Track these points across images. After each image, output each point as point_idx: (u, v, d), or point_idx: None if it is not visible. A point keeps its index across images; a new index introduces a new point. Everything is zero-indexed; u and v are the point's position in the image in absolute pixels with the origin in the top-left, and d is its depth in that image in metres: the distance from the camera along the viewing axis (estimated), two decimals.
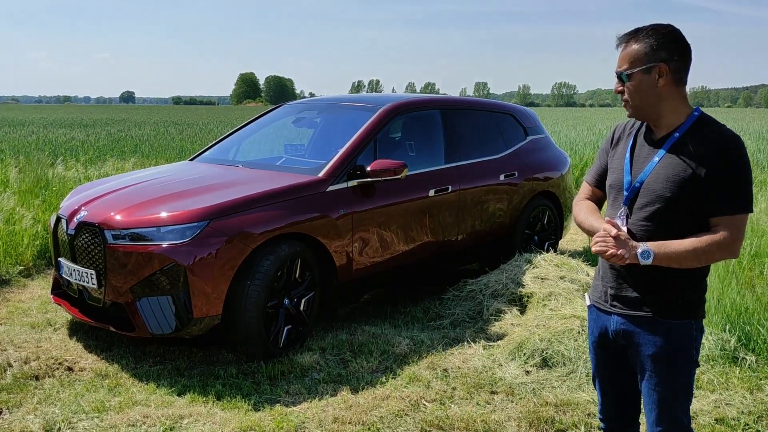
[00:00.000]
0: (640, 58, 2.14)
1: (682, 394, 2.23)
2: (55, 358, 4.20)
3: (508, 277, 5.31)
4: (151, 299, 4.01)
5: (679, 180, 2.11)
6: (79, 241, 4.28)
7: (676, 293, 2.18)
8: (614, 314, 2.29)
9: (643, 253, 2.08)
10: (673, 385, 2.21)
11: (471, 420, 3.45)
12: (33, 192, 8.28)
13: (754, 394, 3.73)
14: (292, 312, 4.36)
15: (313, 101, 6.53)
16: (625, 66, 2.17)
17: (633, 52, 2.15)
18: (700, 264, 2.11)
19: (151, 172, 5.41)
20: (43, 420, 3.39)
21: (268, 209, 4.27)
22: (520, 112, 6.64)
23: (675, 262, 2.09)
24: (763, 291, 4.66)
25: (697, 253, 2.07)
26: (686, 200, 2.11)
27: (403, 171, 4.77)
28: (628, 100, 2.20)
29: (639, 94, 2.17)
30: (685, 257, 2.07)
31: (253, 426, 3.37)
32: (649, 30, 2.15)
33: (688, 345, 2.20)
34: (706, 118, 2.18)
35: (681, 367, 2.20)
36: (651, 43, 2.13)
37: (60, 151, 15.08)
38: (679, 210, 2.13)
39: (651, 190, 2.17)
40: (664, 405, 2.22)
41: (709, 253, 2.08)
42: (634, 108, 2.21)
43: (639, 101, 2.18)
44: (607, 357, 2.40)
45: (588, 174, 2.53)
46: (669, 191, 2.12)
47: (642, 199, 2.19)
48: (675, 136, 2.16)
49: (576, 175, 11.86)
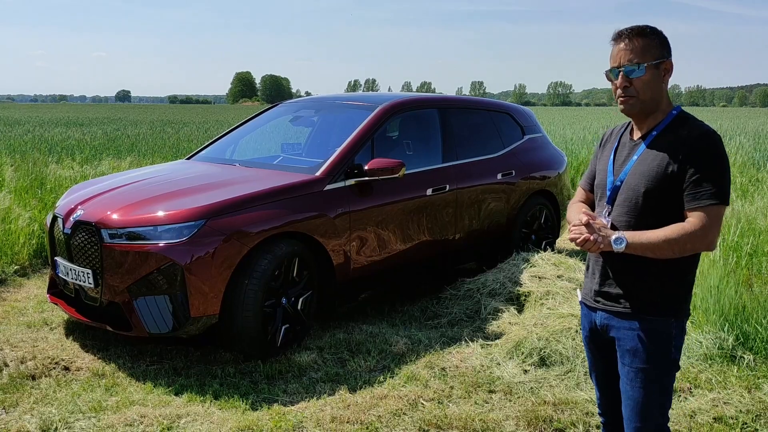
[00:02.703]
0: (652, 53, 2.17)
1: (658, 392, 2.24)
2: (52, 357, 4.18)
3: (506, 276, 5.31)
4: (148, 298, 4.00)
5: (654, 174, 2.16)
6: (76, 240, 4.26)
7: (657, 290, 2.20)
8: (599, 310, 2.34)
9: (617, 239, 2.13)
10: (649, 382, 2.23)
11: (469, 419, 3.45)
12: (29, 191, 8.26)
13: (752, 393, 3.73)
14: (290, 311, 4.35)
15: (310, 100, 6.52)
16: (637, 59, 2.17)
17: (645, 46, 2.17)
18: (674, 254, 2.12)
19: (148, 171, 5.40)
20: (39, 420, 3.37)
21: (265, 208, 4.26)
22: (518, 111, 6.64)
23: (649, 250, 2.12)
24: (761, 290, 4.66)
25: (670, 242, 2.09)
26: (662, 194, 2.15)
27: (401, 170, 4.77)
28: (636, 94, 2.20)
29: (650, 88, 2.19)
30: (658, 246, 2.10)
31: (251, 425, 3.35)
32: (649, 28, 2.20)
33: (666, 343, 2.21)
34: (683, 115, 2.23)
35: (658, 364, 2.22)
36: (659, 40, 2.19)
37: (56, 150, 15.04)
38: (655, 204, 2.17)
39: (629, 186, 2.22)
40: (638, 401, 2.25)
41: (681, 243, 2.09)
42: (642, 102, 2.21)
43: (649, 95, 2.19)
44: (598, 352, 2.45)
45: (582, 179, 2.61)
46: (644, 185, 2.17)
47: (621, 195, 2.25)
48: (653, 134, 2.22)
49: (572, 174, 11.86)
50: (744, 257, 5.53)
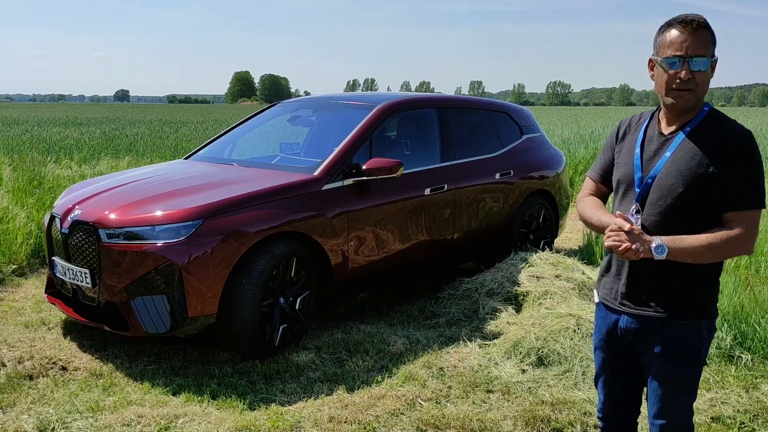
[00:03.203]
0: (710, 48, 2.10)
1: (687, 391, 2.24)
2: (49, 357, 4.18)
3: (504, 276, 5.30)
4: (145, 298, 3.99)
5: (692, 174, 2.09)
6: (73, 240, 4.25)
7: (688, 293, 2.17)
8: (624, 313, 2.27)
9: (657, 247, 2.06)
10: (679, 383, 2.22)
11: (467, 419, 3.44)
12: (27, 190, 8.24)
13: (750, 393, 3.73)
14: (288, 311, 4.35)
15: (309, 100, 6.51)
16: (705, 52, 2.08)
17: (710, 39, 2.09)
18: (714, 259, 2.10)
19: (146, 170, 5.39)
20: (37, 420, 3.37)
21: (263, 208, 4.25)
22: (516, 111, 6.64)
23: (689, 257, 2.07)
24: (760, 290, 4.66)
25: (713, 248, 2.05)
26: (699, 195, 2.10)
27: (399, 170, 4.76)
28: (694, 87, 2.10)
29: (707, 83, 2.13)
30: (700, 252, 2.06)
31: (249, 425, 3.35)
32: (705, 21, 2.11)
33: (697, 344, 2.19)
34: (715, 112, 2.17)
35: (688, 365, 2.21)
36: (712, 35, 2.11)
37: (54, 149, 15.02)
38: (691, 205, 2.12)
39: (663, 186, 2.14)
40: (667, 400, 2.23)
41: (724, 249, 2.07)
42: (697, 98, 2.13)
43: (705, 91, 2.13)
44: (613, 355, 2.38)
45: (591, 170, 2.50)
46: (682, 186, 2.11)
47: (654, 194, 2.17)
48: (686, 130, 2.15)
49: (570, 173, 11.87)
50: (743, 257, 5.54)
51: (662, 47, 2.13)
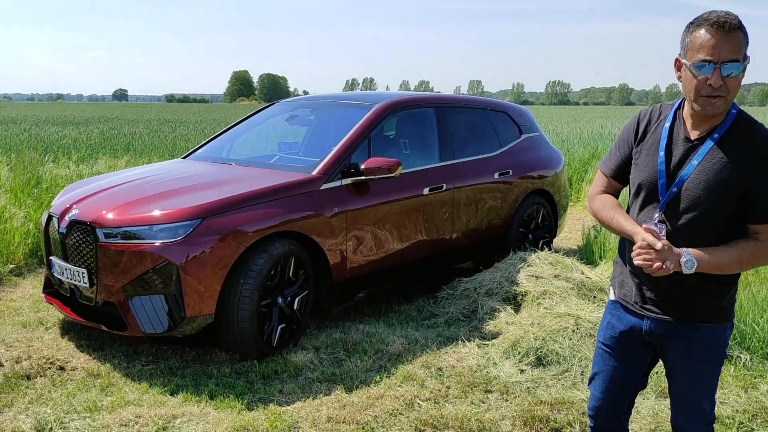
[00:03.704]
0: (743, 50, 1.97)
1: (711, 388, 2.27)
2: (47, 357, 4.16)
3: (503, 276, 5.30)
4: (143, 298, 3.98)
5: (722, 185, 2.03)
6: (71, 239, 4.24)
7: (712, 300, 2.16)
8: (646, 317, 2.24)
9: (687, 262, 2.01)
10: (704, 382, 2.25)
11: (465, 419, 3.44)
12: (24, 190, 8.22)
13: (749, 393, 3.73)
14: (286, 311, 4.34)
15: (307, 99, 6.50)
16: (737, 56, 1.95)
17: (743, 41, 1.96)
18: (742, 270, 2.12)
19: (144, 170, 5.38)
20: (34, 420, 3.36)
21: (261, 207, 4.24)
22: (515, 110, 6.63)
23: (717, 269, 2.06)
24: (758, 289, 4.66)
25: (741, 261, 2.05)
26: (727, 206, 2.05)
27: (398, 169, 4.75)
28: (726, 94, 1.98)
29: (734, 86, 1.97)
30: (729, 266, 2.06)
31: (247, 425, 3.34)
32: (740, 20, 1.97)
33: (722, 345, 2.22)
34: (744, 116, 2.07)
35: (712, 365, 2.23)
36: (746, 35, 1.97)
37: (52, 149, 15.00)
38: (718, 216, 2.07)
39: (691, 196, 2.06)
40: (692, 398, 2.26)
41: (753, 261, 2.07)
42: (727, 104, 2.02)
43: (731, 96, 1.99)
44: (620, 354, 2.34)
45: (604, 164, 2.37)
46: (711, 197, 2.04)
47: (681, 204, 2.08)
48: (715, 137, 2.05)
49: (569, 173, 11.86)
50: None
51: (691, 50, 1.99)
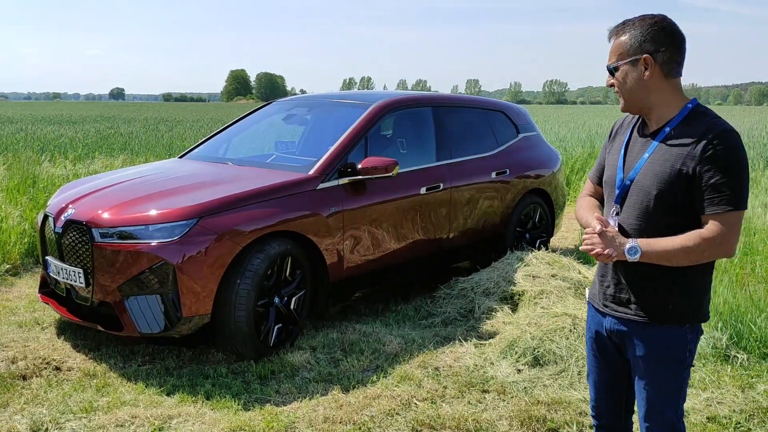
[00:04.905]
0: (626, 51, 2.11)
1: (672, 393, 2.21)
2: (43, 357, 4.15)
3: (500, 276, 5.29)
4: (139, 298, 3.97)
5: (668, 176, 2.06)
6: (67, 239, 4.23)
7: (670, 298, 2.14)
8: (608, 315, 2.27)
9: (630, 249, 2.05)
10: (663, 384, 2.20)
11: (462, 419, 3.43)
12: (20, 189, 8.20)
13: (746, 393, 3.72)
14: (283, 311, 4.33)
15: (304, 98, 6.50)
16: (613, 59, 2.15)
17: (620, 45, 2.13)
18: (690, 262, 2.05)
19: (140, 169, 5.36)
20: (30, 420, 3.35)
21: (258, 207, 4.23)
22: (512, 110, 6.63)
23: (664, 259, 2.04)
24: (755, 289, 4.66)
25: (687, 251, 2.02)
26: (676, 197, 2.06)
27: (395, 169, 4.74)
28: (621, 93, 2.17)
29: (627, 87, 2.14)
30: (675, 255, 2.03)
31: (243, 426, 3.33)
32: (637, 21, 2.12)
33: (680, 348, 2.17)
34: (700, 109, 2.11)
35: (671, 368, 2.18)
36: (637, 34, 2.09)
37: (48, 148, 14.96)
38: (669, 207, 2.08)
39: (640, 187, 2.13)
40: (653, 402, 2.22)
41: (699, 251, 2.02)
42: (625, 101, 2.18)
43: (628, 94, 2.15)
44: (601, 354, 2.39)
45: (591, 171, 2.51)
46: (656, 188, 2.08)
47: (632, 196, 2.15)
48: (665, 131, 2.11)
49: (566, 172, 11.87)
50: (738, 256, 5.54)
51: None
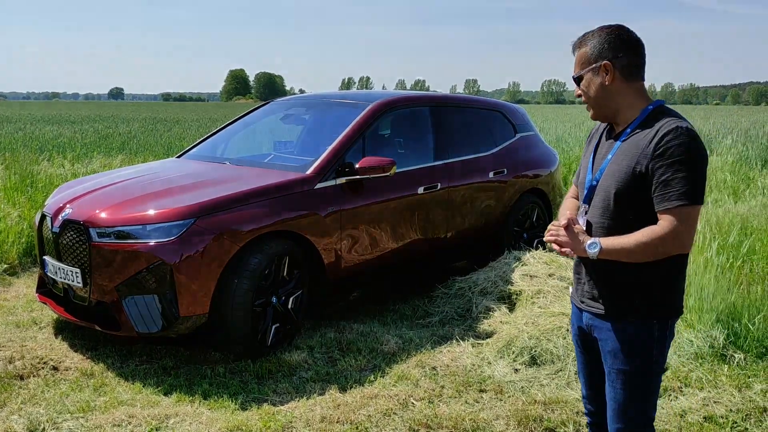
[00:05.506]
0: (587, 60, 2.21)
1: (638, 395, 2.22)
2: (40, 357, 4.15)
3: (497, 275, 5.30)
4: (137, 298, 3.97)
5: (623, 174, 2.13)
6: (64, 239, 4.23)
7: (635, 292, 2.17)
8: (584, 310, 2.34)
9: (591, 245, 2.12)
10: (628, 384, 2.22)
11: (459, 418, 3.44)
12: (19, 189, 8.19)
13: (743, 392, 3.73)
14: (280, 310, 4.33)
15: (302, 98, 6.50)
16: (577, 69, 2.25)
17: (581, 55, 2.24)
18: (648, 258, 2.08)
19: (138, 169, 5.36)
20: (27, 420, 3.35)
21: (255, 207, 4.23)
22: (510, 110, 6.63)
23: (623, 255, 2.10)
24: (752, 289, 4.66)
25: (642, 246, 2.06)
26: (632, 195, 2.12)
27: (392, 168, 4.75)
28: (587, 102, 2.26)
29: (591, 94, 2.24)
30: (632, 251, 2.07)
31: (240, 425, 3.34)
32: (595, 32, 2.22)
33: (646, 346, 2.19)
34: (660, 110, 2.17)
35: (638, 366, 2.20)
36: (596, 44, 2.19)
37: (47, 147, 14.95)
38: (627, 205, 2.14)
39: (602, 187, 2.21)
40: (619, 402, 2.25)
41: (653, 247, 2.05)
42: (592, 108, 2.27)
43: (593, 102, 2.24)
44: (585, 350, 2.45)
45: (575, 175, 2.58)
46: (614, 187, 2.15)
47: (597, 196, 2.23)
48: (626, 132, 2.19)
49: (564, 172, 11.87)
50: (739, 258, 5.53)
51: None
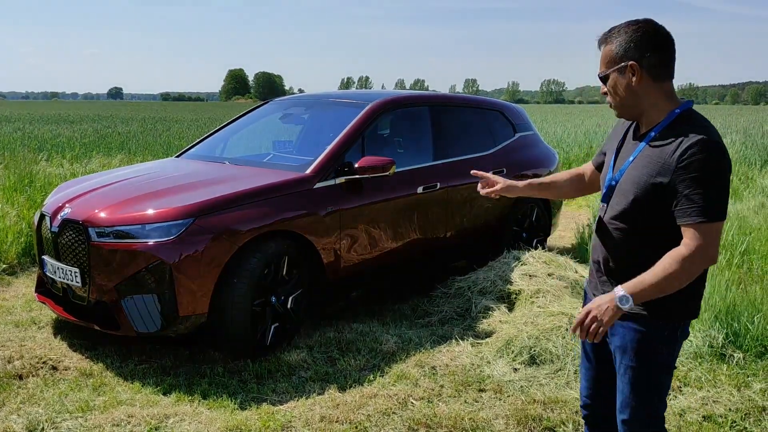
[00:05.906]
0: (613, 59, 2.12)
1: (644, 391, 2.22)
2: (39, 357, 4.15)
3: (497, 275, 5.30)
4: (136, 297, 3.97)
5: (644, 183, 2.06)
6: (63, 238, 4.22)
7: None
8: None
9: (621, 298, 2.01)
10: (637, 381, 2.22)
11: (459, 418, 3.44)
12: (18, 189, 8.19)
13: (742, 392, 3.73)
14: (280, 310, 4.33)
15: (301, 97, 6.49)
16: (602, 68, 2.17)
17: (607, 54, 2.15)
18: (683, 283, 2.01)
19: (137, 168, 5.36)
20: (26, 420, 3.35)
21: (254, 206, 4.23)
22: (509, 109, 6.63)
23: (657, 292, 2.01)
24: (751, 288, 4.67)
25: (672, 276, 1.98)
26: (652, 203, 2.06)
27: (391, 168, 4.75)
28: (612, 100, 2.20)
29: (617, 94, 2.16)
30: (665, 285, 2.00)
31: (240, 425, 3.34)
32: (622, 28, 2.12)
33: (655, 345, 2.18)
34: (687, 114, 2.09)
35: (646, 364, 2.20)
36: (622, 41, 2.09)
37: (46, 147, 14.95)
38: (646, 212, 2.09)
39: (621, 190, 2.16)
40: (627, 396, 2.25)
41: (684, 270, 1.99)
42: (617, 108, 2.20)
43: (619, 102, 2.17)
44: (594, 345, 2.42)
45: (594, 158, 2.59)
46: (634, 193, 2.10)
47: (615, 197, 2.19)
48: (650, 135, 2.12)
49: None
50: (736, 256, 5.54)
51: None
